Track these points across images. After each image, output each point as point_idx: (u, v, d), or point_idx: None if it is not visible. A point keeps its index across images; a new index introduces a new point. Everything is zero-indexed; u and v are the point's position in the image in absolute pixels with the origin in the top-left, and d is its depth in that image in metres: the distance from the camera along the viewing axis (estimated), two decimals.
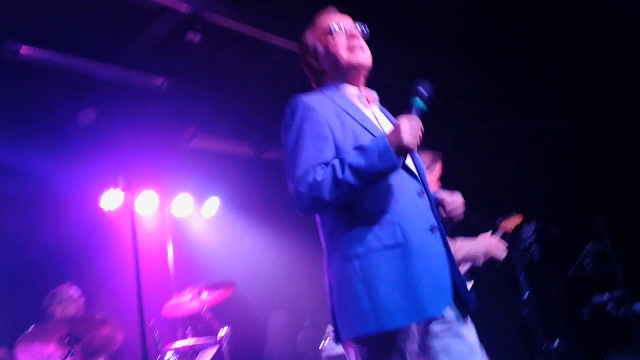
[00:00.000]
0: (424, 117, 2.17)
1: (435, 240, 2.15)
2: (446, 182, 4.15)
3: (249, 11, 4.86)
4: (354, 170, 2.01)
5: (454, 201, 2.39)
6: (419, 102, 2.19)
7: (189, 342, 4.77)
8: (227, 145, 6.86)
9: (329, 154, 2.14)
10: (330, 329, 6.14)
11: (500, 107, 7.29)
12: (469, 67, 6.57)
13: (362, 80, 2.47)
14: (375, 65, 2.48)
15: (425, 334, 2.12)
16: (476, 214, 4.14)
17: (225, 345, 4.75)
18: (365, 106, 2.39)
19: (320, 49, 2.44)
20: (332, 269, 2.16)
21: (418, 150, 2.17)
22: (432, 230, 2.15)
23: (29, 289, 4.90)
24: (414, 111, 2.17)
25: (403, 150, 2.04)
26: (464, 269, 5.50)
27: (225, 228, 6.80)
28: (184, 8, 4.53)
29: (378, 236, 2.07)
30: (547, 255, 5.68)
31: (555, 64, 6.39)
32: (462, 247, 3.63)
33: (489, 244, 3.64)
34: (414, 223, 2.11)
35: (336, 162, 2.06)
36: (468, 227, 3.78)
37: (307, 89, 2.43)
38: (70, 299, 4.52)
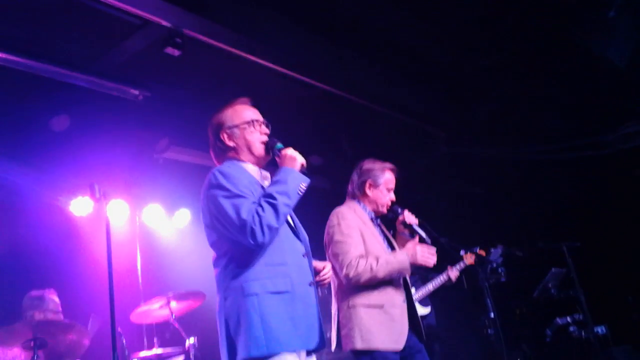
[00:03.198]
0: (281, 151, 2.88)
1: (311, 292, 2.75)
2: (417, 205, 4.22)
3: (227, 28, 4.93)
4: (282, 193, 2.65)
5: (325, 272, 2.99)
6: (279, 145, 2.91)
7: (156, 350, 4.76)
8: (200, 158, 6.87)
9: (255, 200, 2.66)
10: None
11: (470, 133, 7.43)
12: (440, 94, 6.72)
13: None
14: (350, 89, 2.74)
15: None
16: (443, 237, 4.22)
17: (191, 354, 4.75)
18: (264, 181, 2.94)
19: (237, 132, 2.92)
20: (230, 304, 2.62)
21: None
22: (310, 284, 2.76)
23: None
24: (278, 151, 2.88)
25: (301, 167, 2.79)
26: (417, 296, 5.61)
27: (196, 239, 6.78)
28: (165, 22, 4.58)
29: (274, 282, 2.62)
30: (512, 278, 5.79)
31: (525, 91, 6.56)
32: (388, 260, 3.57)
33: (413, 254, 3.59)
34: (299, 277, 2.72)
35: (265, 197, 2.64)
36: (437, 248, 3.86)
37: (283, 106, 2.58)
38: (53, 308, 4.44)
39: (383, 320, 3.53)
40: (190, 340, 4.78)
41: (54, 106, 5.24)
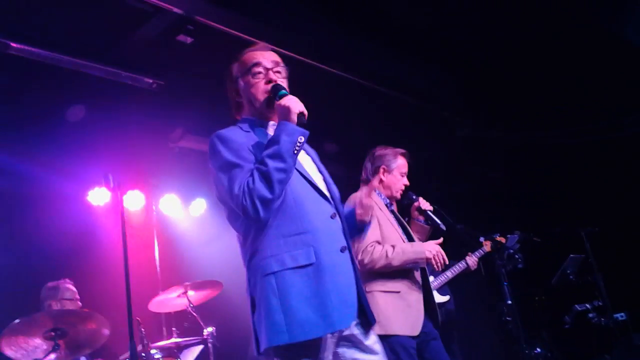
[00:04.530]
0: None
1: (344, 259, 2.33)
2: (434, 191, 4.20)
3: (239, 15, 4.90)
4: (274, 156, 2.24)
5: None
6: (282, 92, 2.41)
7: (174, 340, 4.78)
8: None
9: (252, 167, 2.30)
10: None
11: (488, 118, 7.37)
12: (456, 78, 6.65)
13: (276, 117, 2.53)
14: (364, 74, 2.57)
15: (334, 346, 2.29)
16: (460, 223, 4.20)
17: (210, 344, 4.76)
18: None
19: (241, 84, 2.54)
20: (253, 286, 2.33)
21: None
22: (341, 250, 2.34)
23: (16, 284, 4.87)
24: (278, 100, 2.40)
25: (299, 116, 2.32)
26: (436, 284, 5.58)
27: (212, 228, 6.79)
28: (176, 9, 4.55)
29: (293, 256, 2.25)
30: (530, 264, 5.75)
31: (542, 74, 6.49)
32: (405, 249, 3.59)
33: (430, 251, 3.61)
34: (326, 244, 2.30)
35: (257, 164, 2.27)
36: (453, 235, 3.85)
37: (297, 92, 2.48)
38: (70, 297, 4.47)
39: (399, 306, 3.55)
40: (209, 329, 4.79)
41: (69, 96, 5.26)
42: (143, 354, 4.30)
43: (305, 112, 2.35)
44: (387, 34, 5.61)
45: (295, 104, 2.33)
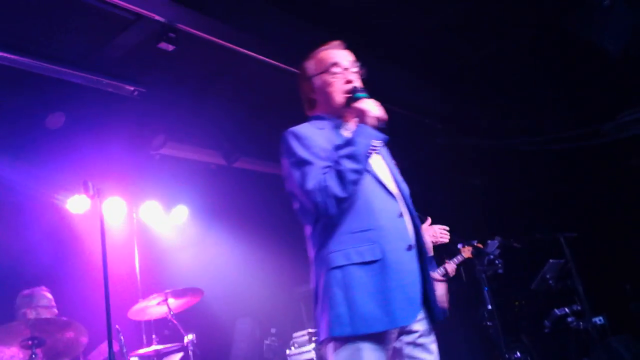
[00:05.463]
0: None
1: (410, 257, 2.37)
2: (414, 197, 4.23)
3: (221, 23, 4.90)
4: (349, 156, 2.32)
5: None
6: (361, 95, 2.47)
7: (154, 347, 4.76)
8: (196, 154, 6.85)
9: (328, 164, 2.37)
10: (296, 334, 6.25)
11: (467, 125, 7.42)
12: (436, 85, 6.70)
13: None
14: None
15: (395, 341, 2.35)
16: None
17: (190, 351, 4.75)
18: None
19: (318, 82, 2.60)
20: (318, 278, 2.40)
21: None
22: (408, 248, 2.38)
23: None
24: (355, 102, 2.47)
25: (376, 121, 2.40)
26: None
27: (193, 235, 6.79)
28: (158, 17, 4.55)
29: (359, 252, 2.31)
30: (510, 269, 5.80)
31: (521, 82, 6.56)
32: None
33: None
34: (392, 242, 2.34)
35: (333, 163, 2.34)
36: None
37: (278, 100, 2.51)
38: (45, 304, 4.44)
39: None
40: (189, 337, 4.78)
41: (48, 103, 5.21)
42: None
43: (384, 116, 2.43)
44: (369, 42, 5.64)
45: (373, 108, 2.42)
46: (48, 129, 5.30)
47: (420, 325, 2.38)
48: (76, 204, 5.65)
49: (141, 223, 6.41)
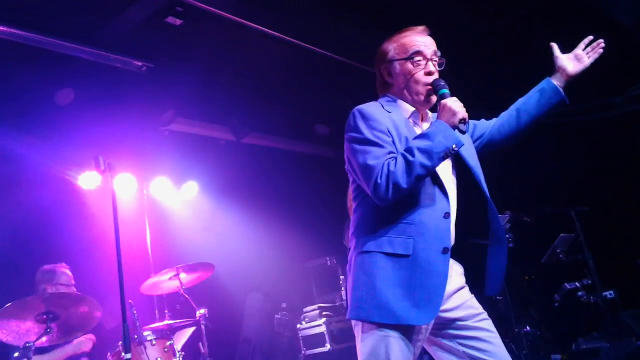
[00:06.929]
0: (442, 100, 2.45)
1: (444, 260, 2.32)
2: None
3: None
4: (424, 151, 2.26)
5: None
6: (444, 91, 2.43)
7: (167, 322, 4.81)
8: (206, 130, 6.85)
9: (393, 150, 2.35)
10: (307, 309, 6.31)
11: (476, 97, 7.35)
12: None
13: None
14: (356, 57, 2.58)
15: (428, 334, 2.38)
16: None
17: (202, 326, 4.79)
18: (418, 125, 2.56)
19: (397, 68, 2.56)
20: (351, 257, 2.43)
21: None
22: (444, 251, 2.33)
23: (6, 267, 4.86)
24: (446, 96, 2.42)
25: (457, 122, 2.34)
26: None
27: (204, 211, 6.81)
28: None
29: (392, 243, 2.31)
30: (521, 244, 5.78)
31: (532, 53, 6.46)
32: None
33: None
34: (429, 242, 2.31)
35: (404, 152, 2.29)
36: None
37: (289, 75, 2.49)
38: (66, 282, 4.47)
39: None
40: (201, 311, 4.82)
41: (58, 79, 5.22)
42: (136, 336, 4.32)
43: (467, 118, 2.38)
44: (378, 18, 5.57)
45: (460, 109, 2.36)
46: (58, 105, 5.31)
47: (458, 312, 2.40)
48: (88, 180, 5.66)
49: (152, 199, 6.43)
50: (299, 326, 6.22)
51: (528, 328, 5.98)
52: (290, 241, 7.11)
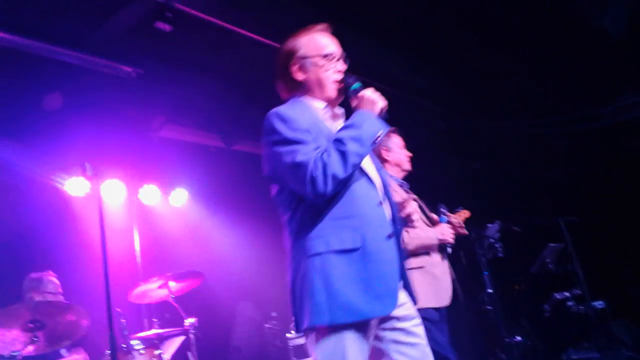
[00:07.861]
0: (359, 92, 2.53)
1: (390, 246, 2.34)
2: (414, 181, 4.25)
3: (218, 2, 4.84)
4: (355, 139, 2.29)
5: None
6: (357, 85, 2.52)
7: (155, 331, 4.75)
8: (195, 136, 6.81)
9: (318, 145, 2.33)
10: None
11: (467, 108, 7.38)
12: (436, 68, 6.65)
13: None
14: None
15: (376, 329, 2.34)
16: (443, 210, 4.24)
17: (191, 335, 4.74)
18: (331, 120, 2.57)
19: (309, 65, 2.56)
20: (296, 267, 2.34)
21: None
22: (388, 237, 2.34)
23: None
24: (354, 92, 2.51)
25: (379, 110, 2.42)
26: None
27: (193, 218, 6.76)
28: None
29: (340, 239, 2.27)
30: (510, 253, 5.79)
31: (521, 64, 6.51)
32: (418, 234, 3.77)
33: (440, 231, 3.88)
34: (373, 231, 2.31)
35: (333, 142, 2.30)
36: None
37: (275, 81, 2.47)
38: (52, 290, 4.43)
39: (426, 279, 3.72)
40: (190, 320, 4.76)
41: (46, 84, 5.17)
42: (124, 345, 4.26)
43: (386, 105, 2.46)
44: (368, 24, 5.58)
45: (379, 98, 2.45)
46: (45, 111, 5.25)
47: (400, 310, 2.36)
48: (75, 186, 5.60)
49: (141, 206, 6.38)
50: (288, 335, 6.18)
51: (518, 338, 5.97)
52: (281, 249, 7.05)
